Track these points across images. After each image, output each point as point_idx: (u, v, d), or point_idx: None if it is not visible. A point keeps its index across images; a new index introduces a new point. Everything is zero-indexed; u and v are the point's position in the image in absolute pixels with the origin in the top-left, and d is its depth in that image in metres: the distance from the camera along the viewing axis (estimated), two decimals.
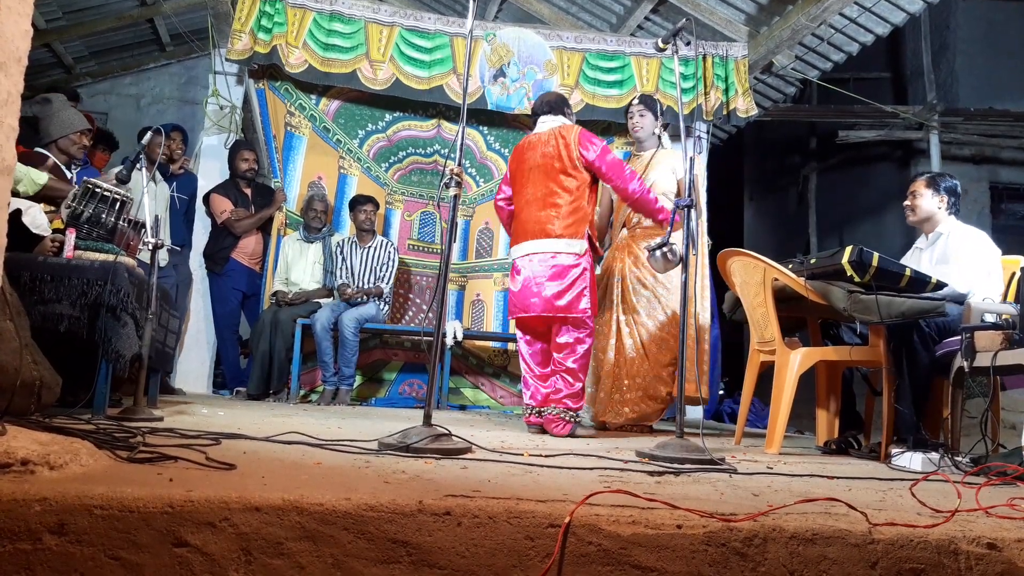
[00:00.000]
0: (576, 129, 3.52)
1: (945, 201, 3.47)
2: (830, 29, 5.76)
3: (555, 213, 3.43)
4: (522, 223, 3.53)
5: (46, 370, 2.23)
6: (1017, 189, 8.40)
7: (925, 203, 3.49)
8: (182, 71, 8.05)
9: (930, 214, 3.49)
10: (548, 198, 3.45)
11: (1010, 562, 1.38)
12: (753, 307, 3.49)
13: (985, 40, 8.36)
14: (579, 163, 3.44)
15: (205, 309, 5.56)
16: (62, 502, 1.21)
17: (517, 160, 3.64)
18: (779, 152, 10.76)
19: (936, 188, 3.48)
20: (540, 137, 3.57)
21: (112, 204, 3.02)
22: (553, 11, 6.69)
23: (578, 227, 3.43)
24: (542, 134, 3.57)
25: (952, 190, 3.49)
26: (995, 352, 2.68)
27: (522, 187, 3.57)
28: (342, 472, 1.70)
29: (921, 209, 3.50)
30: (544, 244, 3.43)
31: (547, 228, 3.43)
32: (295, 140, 5.78)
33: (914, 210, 3.53)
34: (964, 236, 3.39)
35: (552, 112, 3.63)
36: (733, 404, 6.85)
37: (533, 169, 3.52)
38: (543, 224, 3.44)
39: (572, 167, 3.44)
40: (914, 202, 3.53)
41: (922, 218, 3.52)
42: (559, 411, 3.37)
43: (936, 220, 3.49)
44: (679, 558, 1.31)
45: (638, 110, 4.10)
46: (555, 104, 3.66)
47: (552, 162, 3.46)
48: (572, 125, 3.60)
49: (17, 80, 1.53)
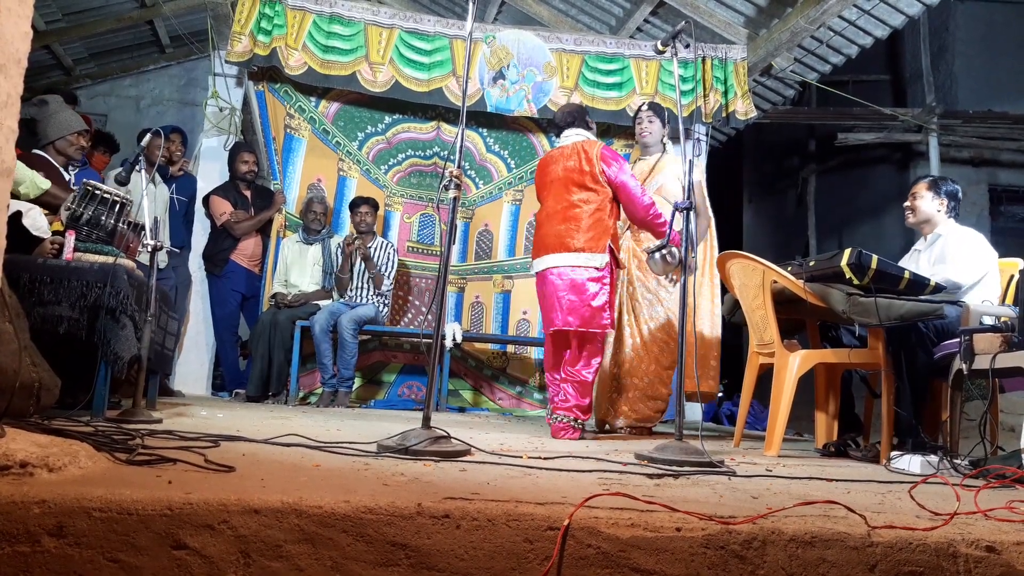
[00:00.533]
0: (598, 144, 3.57)
1: (945, 204, 3.49)
2: (829, 32, 5.77)
3: (575, 227, 3.45)
4: (543, 237, 3.57)
5: (45, 372, 2.23)
6: (1016, 191, 8.40)
7: (925, 205, 3.52)
8: (182, 73, 8.06)
9: (929, 216, 3.52)
10: (568, 211, 3.48)
11: (1009, 565, 1.38)
12: (752, 309, 3.50)
13: (984, 42, 8.37)
14: (600, 178, 3.48)
15: (204, 311, 5.56)
16: (61, 504, 1.21)
17: (541, 174, 3.70)
18: (778, 154, 10.77)
19: (937, 191, 3.50)
20: (563, 151, 3.61)
21: (111, 206, 3.02)
22: (552, 13, 6.70)
23: (599, 241, 3.44)
24: (565, 148, 3.61)
25: (953, 194, 3.51)
26: (994, 355, 2.69)
27: (544, 200, 3.63)
28: (341, 474, 1.70)
29: (921, 211, 3.53)
30: (564, 258, 3.45)
31: (567, 242, 3.45)
32: (294, 142, 5.78)
33: (914, 211, 3.56)
34: (961, 236, 3.42)
35: (575, 125, 3.67)
36: (732, 406, 6.86)
37: (555, 182, 3.56)
38: (563, 238, 3.46)
39: (593, 181, 3.47)
40: (914, 203, 3.55)
41: (921, 220, 3.55)
42: (569, 419, 3.38)
43: (935, 222, 3.51)
44: (678, 561, 1.31)
45: (647, 116, 4.13)
46: (577, 116, 3.71)
47: (573, 175, 3.50)
48: (595, 140, 3.65)
49: (17, 82, 1.53)
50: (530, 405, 5.85)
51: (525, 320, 6.01)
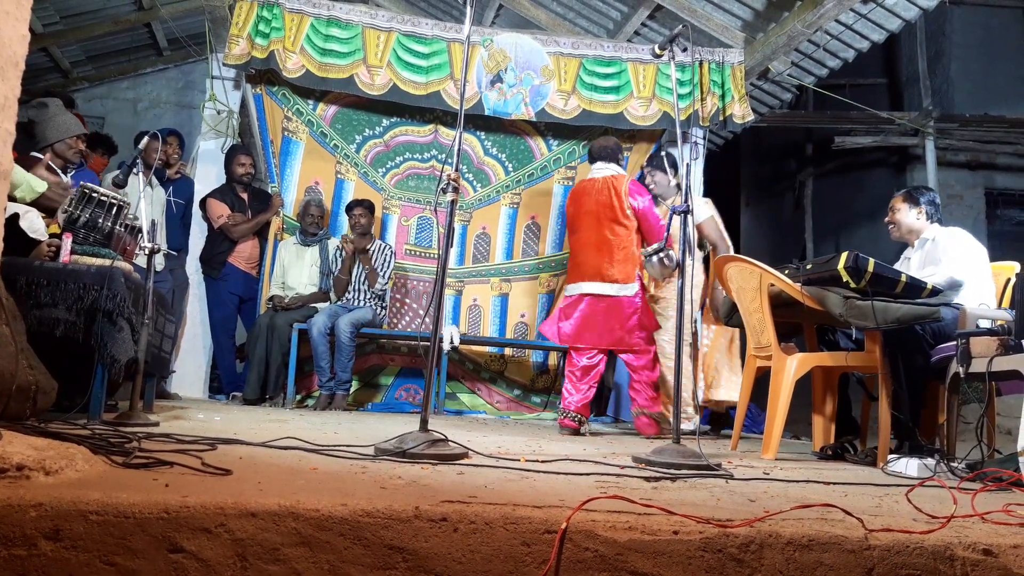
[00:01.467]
0: (627, 180, 4.06)
1: (924, 211, 3.53)
2: (826, 35, 5.78)
3: (608, 259, 3.97)
4: (578, 265, 4.09)
5: (42, 375, 2.22)
6: (1012, 195, 8.43)
7: (904, 217, 3.57)
8: (179, 76, 8.05)
9: (911, 227, 3.57)
10: (602, 244, 3.99)
11: (1006, 568, 1.38)
12: (749, 312, 3.50)
13: (980, 46, 8.40)
14: (628, 212, 3.95)
15: (202, 314, 5.55)
16: (57, 507, 1.21)
17: (574, 204, 4.18)
18: (775, 158, 10.79)
19: (913, 201, 3.56)
20: (595, 184, 4.08)
21: (109, 209, 3.01)
22: (550, 17, 6.70)
23: (630, 271, 3.98)
24: (596, 180, 4.08)
25: (931, 200, 3.57)
26: (990, 358, 2.69)
27: (577, 230, 4.13)
28: (338, 478, 1.70)
29: (902, 224, 3.59)
30: (600, 287, 3.99)
31: (603, 272, 3.98)
32: (292, 145, 5.77)
33: (896, 225, 3.62)
34: (950, 235, 3.45)
35: (608, 160, 4.13)
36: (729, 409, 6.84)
37: (587, 215, 4.05)
38: (599, 268, 3.99)
39: (623, 216, 3.95)
40: (894, 217, 3.62)
41: (904, 232, 3.61)
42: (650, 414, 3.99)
43: (919, 230, 3.55)
44: (675, 564, 1.31)
45: (648, 172, 4.55)
46: (612, 152, 4.18)
47: (605, 211, 3.99)
48: (623, 175, 4.13)
49: (14, 85, 1.53)
50: (528, 408, 5.84)
51: (523, 323, 6.01)
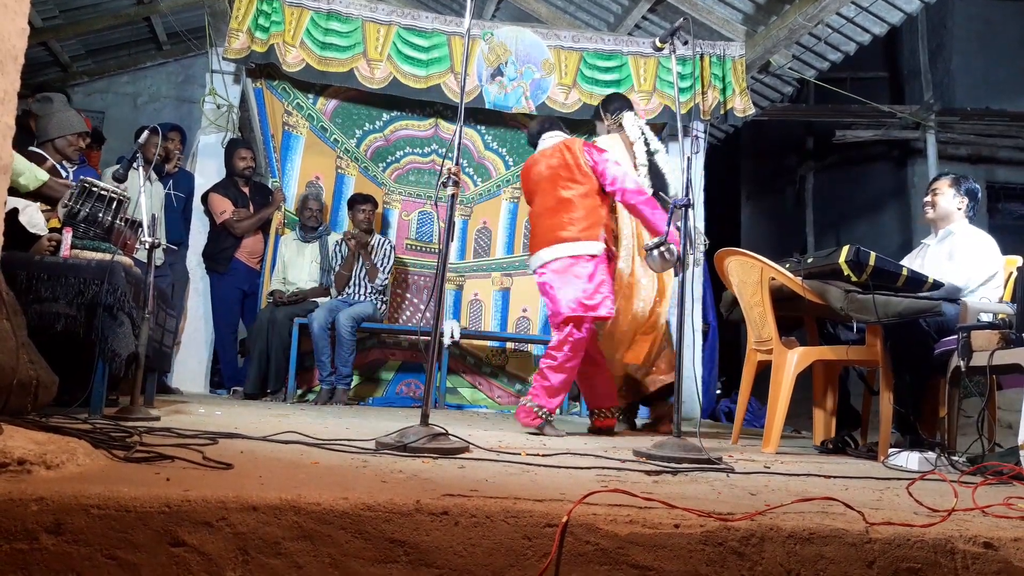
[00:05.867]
0: (579, 140, 3.72)
1: (965, 203, 3.49)
2: (827, 29, 5.76)
3: (566, 219, 3.50)
4: (536, 235, 3.64)
5: (42, 369, 2.22)
6: (1013, 188, 8.41)
7: (945, 202, 3.51)
8: (179, 70, 8.03)
9: (948, 213, 3.51)
10: (558, 206, 3.53)
11: (1006, 561, 1.38)
12: (750, 306, 3.50)
13: (982, 40, 8.37)
14: (586, 168, 3.55)
15: (203, 308, 5.55)
16: (59, 502, 1.21)
17: (526, 177, 3.80)
18: (776, 151, 10.76)
19: (958, 188, 3.51)
20: (544, 152, 3.72)
21: (109, 203, 3.01)
22: (551, 10, 6.69)
23: (591, 230, 3.49)
24: (546, 150, 3.72)
25: (973, 193, 3.52)
26: (992, 351, 2.69)
27: (533, 201, 3.73)
28: (339, 472, 1.70)
29: (940, 207, 3.53)
30: (556, 250, 3.48)
31: (559, 235, 3.50)
32: (293, 139, 5.77)
33: (934, 207, 3.55)
34: (972, 238, 3.41)
35: (551, 129, 3.83)
36: (730, 403, 6.85)
37: (541, 181, 3.65)
38: (555, 231, 3.51)
39: (580, 173, 3.55)
40: (935, 199, 3.55)
41: (940, 216, 3.54)
42: (534, 404, 3.39)
43: (951, 219, 3.51)
44: (676, 557, 1.31)
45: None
46: (550, 121, 3.90)
47: (559, 171, 3.58)
48: (574, 138, 3.77)
49: (14, 79, 1.53)
50: None
51: (525, 318, 6.01)
